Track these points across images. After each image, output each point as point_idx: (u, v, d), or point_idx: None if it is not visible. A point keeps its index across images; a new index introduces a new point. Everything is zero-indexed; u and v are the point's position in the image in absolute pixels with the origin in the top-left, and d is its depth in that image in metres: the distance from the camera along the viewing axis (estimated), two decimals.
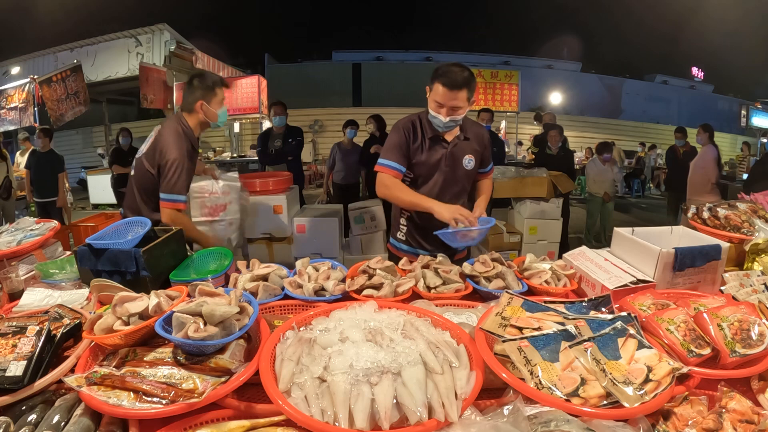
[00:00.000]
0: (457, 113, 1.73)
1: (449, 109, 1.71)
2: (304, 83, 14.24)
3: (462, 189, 1.96)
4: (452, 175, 1.89)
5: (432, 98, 1.74)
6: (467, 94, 1.72)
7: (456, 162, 1.88)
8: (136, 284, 1.31)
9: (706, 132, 5.23)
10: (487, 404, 0.89)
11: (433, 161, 1.86)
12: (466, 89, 1.70)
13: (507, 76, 8.92)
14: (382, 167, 1.85)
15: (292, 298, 1.40)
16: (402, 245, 2.03)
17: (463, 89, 1.69)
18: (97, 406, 0.84)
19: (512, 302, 1.09)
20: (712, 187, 5.09)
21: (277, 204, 3.36)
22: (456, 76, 1.67)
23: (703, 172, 5.13)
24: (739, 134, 15.48)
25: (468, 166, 1.91)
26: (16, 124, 6.13)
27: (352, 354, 0.88)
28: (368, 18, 24.99)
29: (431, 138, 1.85)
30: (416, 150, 1.85)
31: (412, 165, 1.88)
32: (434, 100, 1.73)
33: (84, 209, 8.66)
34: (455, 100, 1.70)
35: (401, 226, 2.02)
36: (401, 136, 1.85)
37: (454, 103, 1.70)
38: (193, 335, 0.91)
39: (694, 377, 0.98)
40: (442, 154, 1.86)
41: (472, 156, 1.91)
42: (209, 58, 9.00)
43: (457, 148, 1.88)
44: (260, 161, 4.89)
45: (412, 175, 1.91)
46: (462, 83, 1.68)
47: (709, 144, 5.21)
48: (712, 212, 1.84)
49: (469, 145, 1.90)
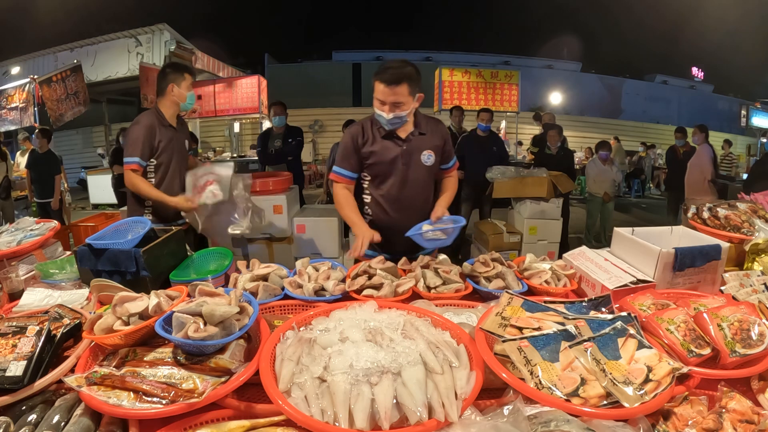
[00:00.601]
0: (401, 109, 1.71)
1: (391, 105, 1.70)
2: (304, 83, 14.25)
3: (424, 187, 1.91)
4: (410, 173, 1.86)
5: (375, 96, 1.74)
6: (408, 89, 1.70)
7: (413, 159, 1.85)
8: (136, 284, 1.31)
9: (702, 132, 5.37)
10: (487, 404, 0.89)
11: (387, 160, 1.84)
12: (406, 84, 1.68)
13: (507, 76, 8.91)
14: (334, 175, 1.90)
15: (292, 298, 1.40)
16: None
17: (402, 84, 1.67)
18: (97, 406, 0.84)
19: (512, 302, 1.09)
20: (708, 186, 5.18)
21: (277, 204, 3.37)
22: (393, 72, 1.67)
23: (699, 171, 5.24)
24: (739, 134, 15.49)
25: (427, 162, 1.87)
26: (16, 124, 6.14)
27: (352, 354, 0.88)
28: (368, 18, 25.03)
29: (384, 136, 1.83)
30: (369, 151, 1.84)
31: (367, 166, 1.88)
32: (376, 98, 1.73)
33: (84, 209, 8.65)
34: (395, 96, 1.68)
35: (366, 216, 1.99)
36: (348, 142, 1.86)
37: (395, 98, 1.69)
38: (193, 335, 0.91)
39: (694, 377, 0.98)
40: (397, 152, 1.83)
41: (431, 152, 1.87)
42: (209, 58, 9.02)
43: (413, 145, 1.84)
44: (260, 161, 4.89)
45: (369, 176, 1.90)
46: (400, 78, 1.67)
47: (705, 143, 5.29)
48: (712, 212, 1.84)
49: (427, 140, 1.87)
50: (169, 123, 2.34)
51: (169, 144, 2.32)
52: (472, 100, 8.71)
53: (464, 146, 4.95)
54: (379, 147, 1.84)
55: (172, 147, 2.33)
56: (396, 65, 1.69)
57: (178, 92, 2.32)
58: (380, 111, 1.74)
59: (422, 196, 1.91)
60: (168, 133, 2.32)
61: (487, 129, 4.91)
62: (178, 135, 2.39)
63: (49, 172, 5.33)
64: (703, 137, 5.35)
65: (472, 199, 5.03)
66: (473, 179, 4.78)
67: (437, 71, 8.89)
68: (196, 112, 8.67)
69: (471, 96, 8.74)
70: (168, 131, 2.32)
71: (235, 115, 9.08)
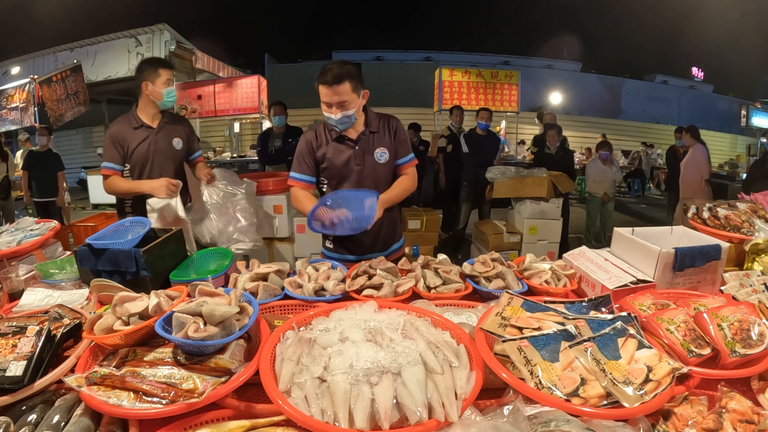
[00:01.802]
0: (347, 108, 1.71)
1: (337, 105, 1.71)
2: (304, 83, 14.06)
3: (381, 185, 1.86)
4: (366, 172, 1.84)
5: (321, 101, 1.74)
6: (350, 87, 1.69)
7: (366, 158, 1.84)
8: (136, 284, 1.31)
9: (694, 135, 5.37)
10: (487, 404, 0.89)
11: (341, 162, 1.83)
12: (347, 81, 1.68)
13: (507, 76, 8.91)
14: (291, 180, 1.89)
15: (292, 298, 1.40)
16: (332, 253, 1.97)
17: (343, 82, 1.67)
18: (97, 406, 0.84)
19: (512, 302, 1.09)
20: (705, 185, 5.17)
21: (277, 204, 3.37)
22: (333, 73, 1.67)
23: (697, 170, 5.24)
24: (739, 134, 15.48)
25: (381, 160, 1.86)
26: (17, 124, 6.13)
27: (352, 354, 0.88)
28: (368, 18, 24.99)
29: (335, 139, 1.84)
30: (322, 155, 1.85)
31: (323, 170, 1.88)
32: (322, 101, 1.73)
33: (84, 209, 8.65)
34: (338, 96, 1.69)
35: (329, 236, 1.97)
36: (302, 147, 1.86)
37: (338, 98, 1.69)
38: (193, 335, 0.91)
39: (694, 377, 0.98)
40: (349, 153, 1.83)
41: (384, 149, 1.86)
42: (209, 58, 9.01)
43: (365, 144, 1.84)
44: (260, 161, 4.90)
45: (326, 180, 1.90)
46: (340, 77, 1.67)
47: (698, 143, 5.30)
48: (712, 212, 1.84)
49: (379, 138, 1.86)
50: (146, 123, 2.26)
51: (144, 146, 2.23)
52: (472, 100, 8.71)
53: (463, 145, 4.96)
54: (331, 150, 1.84)
55: (148, 149, 2.24)
56: (335, 65, 1.69)
57: (152, 90, 2.22)
58: (328, 113, 1.74)
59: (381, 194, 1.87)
60: (142, 134, 2.24)
61: (487, 128, 4.91)
62: (160, 135, 2.29)
63: (51, 169, 5.34)
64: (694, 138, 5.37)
65: (472, 199, 5.03)
66: (473, 179, 4.78)
67: (437, 71, 8.89)
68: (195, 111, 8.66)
69: (471, 96, 8.74)
70: (143, 133, 2.24)
71: (235, 115, 9.07)
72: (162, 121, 2.31)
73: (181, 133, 2.40)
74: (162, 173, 2.26)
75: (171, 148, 2.33)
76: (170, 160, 2.33)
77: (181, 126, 2.44)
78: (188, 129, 2.48)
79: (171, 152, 2.34)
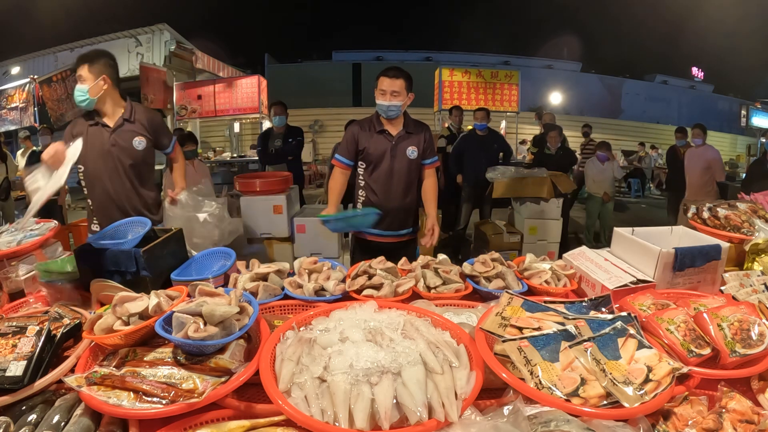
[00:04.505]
0: (397, 98, 2.16)
1: (390, 94, 2.15)
2: (304, 83, 14.21)
3: (407, 175, 2.31)
4: (398, 163, 2.28)
5: (378, 89, 2.19)
6: (404, 84, 2.16)
7: (400, 152, 2.28)
8: (136, 284, 1.31)
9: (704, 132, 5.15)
10: (487, 404, 0.89)
11: (380, 152, 2.26)
12: (403, 79, 2.16)
13: (507, 76, 8.91)
14: (336, 161, 2.34)
15: (292, 298, 1.40)
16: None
17: (400, 78, 2.16)
18: (97, 406, 0.84)
19: (512, 302, 1.09)
20: (715, 188, 5.01)
21: (277, 204, 3.37)
22: (394, 69, 2.19)
23: (708, 171, 5.00)
24: (739, 134, 15.48)
25: (411, 156, 2.29)
26: (17, 124, 6.14)
27: (352, 354, 0.88)
28: (368, 18, 25.01)
29: (378, 132, 2.27)
30: (366, 143, 2.27)
31: (363, 156, 2.30)
32: (379, 89, 2.18)
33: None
34: (394, 86, 2.15)
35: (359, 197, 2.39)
36: (349, 136, 2.30)
37: (394, 88, 2.14)
38: (193, 335, 0.91)
39: (694, 377, 0.98)
40: (387, 146, 2.26)
41: (414, 147, 2.29)
42: (209, 58, 9.02)
43: (401, 141, 2.28)
44: (260, 161, 4.89)
45: (364, 164, 2.32)
46: (400, 74, 2.16)
47: (707, 144, 5.18)
48: (712, 212, 1.84)
49: (412, 138, 2.30)
50: (100, 121, 2.11)
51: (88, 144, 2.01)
52: (472, 100, 8.70)
53: (463, 145, 4.94)
54: (373, 141, 2.27)
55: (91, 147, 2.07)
56: (397, 67, 2.23)
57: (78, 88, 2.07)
58: (380, 100, 2.19)
59: (405, 182, 2.32)
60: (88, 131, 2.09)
61: (484, 127, 4.89)
62: (106, 132, 2.10)
63: None
64: (704, 137, 5.16)
65: (472, 199, 5.02)
66: (473, 179, 4.77)
67: (437, 71, 8.88)
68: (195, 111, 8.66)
69: (471, 96, 8.74)
70: (90, 129, 2.10)
71: (235, 115, 9.07)
72: (125, 117, 2.14)
73: (140, 129, 2.17)
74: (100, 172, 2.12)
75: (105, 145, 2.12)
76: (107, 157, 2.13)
77: (145, 121, 2.20)
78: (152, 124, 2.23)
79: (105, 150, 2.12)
